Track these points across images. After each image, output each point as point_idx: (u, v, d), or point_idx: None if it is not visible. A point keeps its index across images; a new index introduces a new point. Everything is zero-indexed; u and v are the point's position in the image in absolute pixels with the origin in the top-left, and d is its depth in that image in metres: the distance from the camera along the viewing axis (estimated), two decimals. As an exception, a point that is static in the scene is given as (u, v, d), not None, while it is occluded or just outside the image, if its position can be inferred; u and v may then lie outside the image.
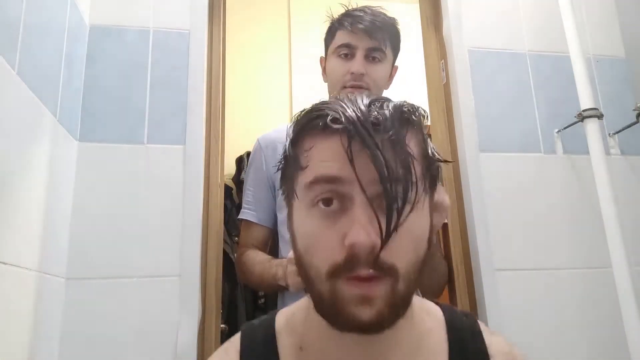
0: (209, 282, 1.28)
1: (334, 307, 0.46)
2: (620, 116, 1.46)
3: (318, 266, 0.46)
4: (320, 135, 0.47)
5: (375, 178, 0.44)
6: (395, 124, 0.46)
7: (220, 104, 1.43)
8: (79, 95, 1.28)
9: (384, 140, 0.45)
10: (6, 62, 0.86)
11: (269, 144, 1.19)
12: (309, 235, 0.48)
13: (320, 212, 0.47)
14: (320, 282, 0.46)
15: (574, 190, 1.41)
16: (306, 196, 0.48)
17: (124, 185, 1.25)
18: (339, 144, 0.45)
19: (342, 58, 1.15)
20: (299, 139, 0.50)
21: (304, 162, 0.48)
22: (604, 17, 1.59)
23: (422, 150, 0.50)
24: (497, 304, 1.29)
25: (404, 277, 0.46)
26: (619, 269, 1.17)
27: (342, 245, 0.44)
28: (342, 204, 0.46)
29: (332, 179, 0.46)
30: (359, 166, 0.44)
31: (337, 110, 0.46)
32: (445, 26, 1.52)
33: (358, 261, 0.44)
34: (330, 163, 0.46)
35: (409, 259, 0.46)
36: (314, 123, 0.48)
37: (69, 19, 1.19)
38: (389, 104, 0.48)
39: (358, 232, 0.43)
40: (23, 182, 0.95)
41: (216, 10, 1.49)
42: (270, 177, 1.17)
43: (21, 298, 0.95)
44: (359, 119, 0.45)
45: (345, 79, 1.13)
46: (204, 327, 1.24)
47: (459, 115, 1.43)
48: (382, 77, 1.16)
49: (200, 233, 1.26)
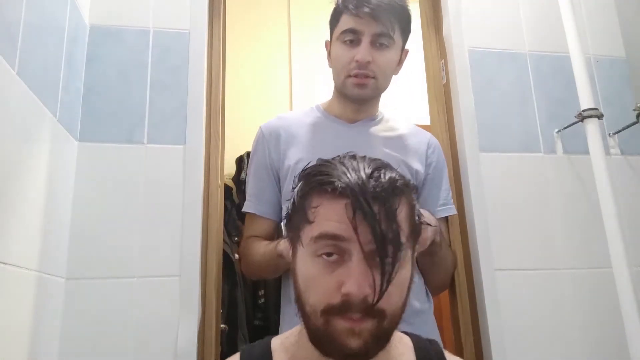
0: (209, 282, 1.28)
1: (327, 337, 0.55)
2: (620, 116, 1.46)
3: (314, 304, 0.55)
4: (327, 197, 0.56)
5: (371, 239, 0.53)
6: (389, 197, 0.55)
7: (220, 104, 1.43)
8: (79, 95, 1.28)
9: (380, 210, 0.54)
10: (6, 62, 0.86)
11: (272, 132, 1.14)
12: (310, 278, 0.57)
13: (322, 262, 0.56)
14: (315, 318, 0.55)
15: (574, 190, 1.41)
16: (310, 246, 0.57)
17: (124, 185, 1.25)
18: (343, 208, 0.55)
19: (346, 44, 1.07)
20: (307, 196, 0.59)
21: (311, 217, 0.57)
22: (604, 17, 1.59)
23: (411, 215, 0.60)
24: (497, 304, 1.29)
25: (390, 317, 0.55)
26: (619, 269, 1.17)
27: (338, 291, 0.54)
28: (341, 257, 0.55)
29: (335, 236, 0.55)
30: (359, 230, 0.53)
31: (341, 178, 0.56)
32: (445, 26, 1.52)
33: (351, 307, 0.53)
34: (335, 223, 0.55)
35: (395, 303, 0.56)
36: (323, 188, 0.57)
37: (69, 19, 1.19)
38: (385, 175, 0.57)
39: (353, 284, 0.52)
40: (23, 182, 0.95)
41: (216, 10, 1.49)
42: (274, 167, 1.12)
43: (21, 298, 0.95)
44: (362, 191, 0.54)
45: (350, 67, 1.07)
46: (204, 327, 1.24)
47: (459, 115, 1.43)
48: (389, 64, 1.10)
49: (200, 233, 1.26)
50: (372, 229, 0.53)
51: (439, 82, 1.53)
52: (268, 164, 1.13)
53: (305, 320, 0.58)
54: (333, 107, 1.17)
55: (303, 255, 0.59)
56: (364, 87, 1.08)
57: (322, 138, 1.10)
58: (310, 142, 1.09)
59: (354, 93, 1.09)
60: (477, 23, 1.51)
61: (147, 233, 1.22)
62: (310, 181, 0.59)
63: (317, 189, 0.58)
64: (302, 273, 0.58)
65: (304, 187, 0.60)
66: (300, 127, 1.13)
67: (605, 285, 1.29)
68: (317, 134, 1.11)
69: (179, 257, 1.22)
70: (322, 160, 0.63)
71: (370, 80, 1.07)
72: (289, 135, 1.11)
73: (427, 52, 1.57)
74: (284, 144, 1.10)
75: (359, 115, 1.15)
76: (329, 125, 1.14)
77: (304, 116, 1.17)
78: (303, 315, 0.58)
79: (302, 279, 0.58)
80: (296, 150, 1.09)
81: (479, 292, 1.31)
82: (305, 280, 0.58)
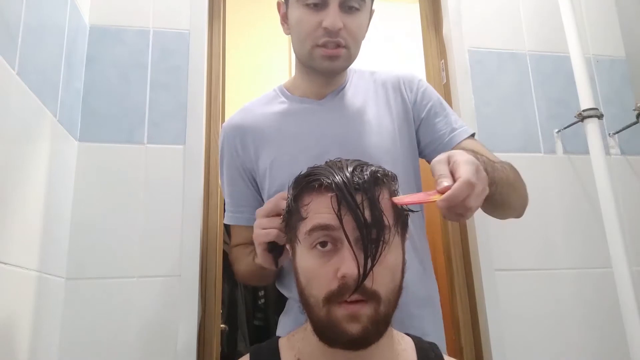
0: (209, 282, 1.28)
1: (329, 325, 0.59)
2: (620, 116, 1.46)
3: (316, 295, 0.60)
4: (316, 193, 0.62)
5: (355, 226, 0.59)
6: (371, 187, 0.61)
7: (220, 104, 1.43)
8: (79, 95, 1.28)
9: (363, 199, 0.60)
10: (6, 62, 0.86)
11: (237, 132, 1.01)
12: (310, 271, 0.62)
13: (317, 252, 0.61)
14: (319, 308, 0.60)
15: (574, 190, 1.41)
16: (306, 240, 0.62)
17: (124, 185, 1.25)
18: (330, 201, 0.60)
19: (310, 8, 0.89)
20: (299, 196, 0.64)
21: (304, 214, 0.63)
22: (604, 17, 1.59)
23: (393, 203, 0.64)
24: (497, 304, 1.29)
25: (385, 301, 0.60)
26: (619, 269, 1.17)
27: (335, 276, 0.59)
28: (335, 245, 0.60)
29: (326, 226, 0.60)
30: (346, 220, 0.59)
31: (328, 177, 0.62)
32: (445, 26, 1.52)
33: (348, 288, 0.58)
34: (324, 215, 0.60)
35: (388, 285, 0.61)
36: (311, 185, 0.63)
37: (69, 19, 1.19)
38: (367, 169, 0.63)
39: (347, 267, 0.58)
40: (23, 182, 0.95)
41: (216, 10, 1.49)
42: (246, 168, 0.99)
43: (21, 298, 0.95)
44: (345, 185, 0.60)
45: (317, 35, 0.89)
46: (204, 327, 1.24)
47: (458, 116, 1.42)
48: (361, 30, 0.94)
49: (200, 233, 1.26)
50: (356, 216, 0.59)
51: (439, 82, 1.53)
52: (239, 165, 1.00)
53: (309, 312, 0.62)
54: (297, 86, 1.02)
55: (301, 251, 0.64)
56: (336, 59, 0.91)
57: (291, 129, 0.97)
58: (280, 136, 0.97)
59: (323, 66, 0.92)
60: (477, 23, 1.51)
61: (147, 233, 1.22)
62: (300, 183, 0.65)
63: (307, 187, 0.64)
64: (302, 267, 0.63)
65: (295, 189, 0.66)
66: (266, 120, 1.00)
67: (605, 285, 1.29)
68: (286, 125, 0.98)
69: (179, 257, 1.22)
70: (311, 167, 0.67)
71: (342, 50, 0.90)
72: (256, 133, 0.98)
73: (427, 52, 1.57)
74: (253, 144, 0.98)
75: (327, 88, 0.99)
76: (295, 110, 1.00)
77: (267, 104, 1.03)
78: (307, 308, 0.62)
79: (303, 273, 0.63)
80: (269, 149, 0.97)
81: (479, 292, 1.31)
82: (306, 274, 0.62)
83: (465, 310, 1.34)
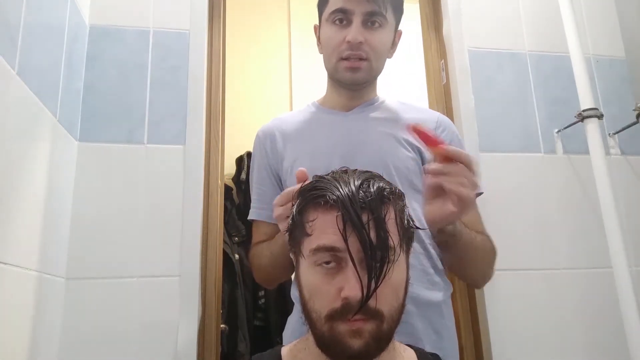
0: (209, 282, 1.28)
1: (331, 340, 0.60)
2: (620, 116, 1.46)
3: (319, 311, 0.61)
4: (321, 210, 0.62)
5: (360, 248, 0.59)
6: (378, 206, 0.61)
7: (220, 104, 1.43)
8: (79, 95, 1.28)
9: (369, 219, 0.59)
10: (6, 62, 0.86)
11: (267, 134, 1.10)
12: (313, 287, 0.62)
13: (322, 269, 0.61)
14: (321, 324, 0.60)
15: (574, 190, 1.41)
16: (310, 257, 0.62)
17: (124, 185, 1.25)
18: (336, 220, 0.60)
19: (336, 25, 1.01)
20: (304, 210, 0.64)
21: (309, 231, 0.63)
22: (604, 17, 1.59)
23: (401, 220, 0.64)
24: (497, 304, 1.29)
25: (388, 319, 0.60)
26: (619, 269, 1.17)
27: (338, 296, 0.59)
28: (339, 264, 0.60)
29: (332, 248, 0.60)
30: (351, 240, 0.59)
31: (333, 192, 0.61)
32: (445, 26, 1.52)
33: (351, 309, 0.58)
34: (331, 236, 0.60)
35: (392, 304, 0.61)
36: (317, 201, 0.62)
37: (69, 19, 1.19)
38: (374, 185, 0.62)
39: (350, 289, 0.58)
40: (23, 182, 0.95)
41: (216, 10, 1.49)
42: (273, 168, 1.08)
43: (21, 298, 0.95)
44: (351, 202, 0.60)
45: (341, 49, 1.00)
46: (204, 327, 1.24)
47: (459, 116, 1.43)
48: (383, 45, 1.03)
49: (200, 233, 1.26)
50: (361, 237, 0.58)
51: (439, 82, 1.53)
52: (267, 165, 1.09)
53: (312, 326, 0.63)
54: (328, 99, 1.13)
55: (305, 265, 0.64)
56: (357, 70, 1.01)
57: (316, 132, 1.06)
58: (304, 138, 1.06)
59: (346, 77, 1.03)
60: (477, 23, 1.51)
61: (147, 233, 1.22)
62: (306, 196, 0.65)
63: (312, 203, 0.63)
64: (306, 283, 0.64)
65: (300, 202, 0.66)
66: (294, 125, 1.09)
67: (605, 285, 1.29)
68: (311, 129, 1.07)
69: (179, 257, 1.22)
70: (317, 176, 0.67)
71: (364, 63, 1.01)
72: (283, 135, 1.08)
73: (427, 52, 1.57)
74: (280, 145, 1.08)
75: (354, 101, 1.09)
76: (322, 118, 1.09)
77: (299, 114, 1.14)
78: (310, 322, 0.63)
79: (306, 288, 0.64)
80: (293, 149, 1.05)
81: (479, 292, 1.31)
82: (309, 289, 0.63)
83: (465, 310, 1.34)
